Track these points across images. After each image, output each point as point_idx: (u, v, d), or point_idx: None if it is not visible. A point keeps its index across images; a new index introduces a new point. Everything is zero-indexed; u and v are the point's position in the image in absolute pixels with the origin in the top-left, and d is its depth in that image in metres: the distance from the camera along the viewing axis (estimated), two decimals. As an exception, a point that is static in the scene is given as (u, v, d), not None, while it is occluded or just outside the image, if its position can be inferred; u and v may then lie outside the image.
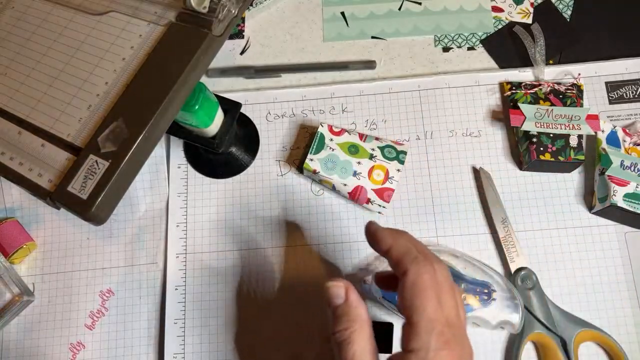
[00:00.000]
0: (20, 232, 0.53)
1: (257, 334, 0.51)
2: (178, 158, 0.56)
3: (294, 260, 0.52)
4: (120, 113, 0.41)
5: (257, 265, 0.52)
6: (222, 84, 0.59)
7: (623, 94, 0.55)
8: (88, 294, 0.53)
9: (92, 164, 0.40)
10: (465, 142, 0.54)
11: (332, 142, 0.52)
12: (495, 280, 0.47)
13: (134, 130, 0.40)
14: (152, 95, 0.41)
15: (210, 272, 0.52)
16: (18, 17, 0.50)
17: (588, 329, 0.47)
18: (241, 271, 0.52)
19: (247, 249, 0.53)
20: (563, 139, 0.51)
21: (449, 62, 0.58)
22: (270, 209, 0.54)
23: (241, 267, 0.52)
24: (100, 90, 0.43)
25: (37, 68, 0.46)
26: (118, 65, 0.44)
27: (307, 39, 0.60)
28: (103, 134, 0.40)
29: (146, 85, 0.42)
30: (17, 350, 0.52)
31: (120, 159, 0.40)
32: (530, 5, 0.59)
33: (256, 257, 0.53)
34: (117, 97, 0.42)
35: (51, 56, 0.47)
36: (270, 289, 0.52)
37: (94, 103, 0.43)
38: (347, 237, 0.53)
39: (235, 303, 0.51)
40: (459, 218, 0.52)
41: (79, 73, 0.45)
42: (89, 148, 0.41)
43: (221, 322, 0.51)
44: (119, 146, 0.40)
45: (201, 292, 0.52)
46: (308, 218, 0.53)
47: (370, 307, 0.51)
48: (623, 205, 0.48)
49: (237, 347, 0.50)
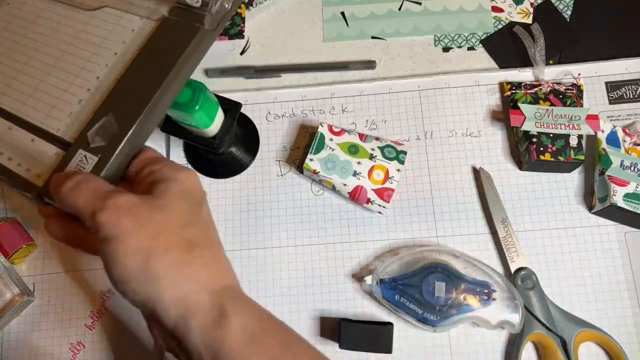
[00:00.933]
0: (20, 232, 0.53)
1: (257, 334, 0.50)
2: (178, 158, 0.56)
3: (294, 260, 0.52)
4: (111, 108, 0.41)
5: (257, 265, 0.52)
6: (222, 84, 0.59)
7: (623, 94, 0.55)
8: (88, 294, 0.53)
9: (81, 158, 0.40)
10: (465, 142, 0.54)
11: (332, 142, 0.52)
12: (495, 280, 0.47)
13: (123, 125, 0.40)
14: (142, 90, 0.41)
15: (210, 272, 0.52)
16: (13, 13, 0.50)
17: (588, 329, 0.47)
18: (241, 271, 0.52)
19: (247, 249, 0.53)
20: (563, 139, 0.51)
21: (449, 62, 0.58)
22: (270, 209, 0.54)
23: (241, 267, 0.52)
24: (91, 85, 0.43)
25: (30, 63, 0.47)
26: (110, 60, 0.44)
27: (307, 39, 0.60)
28: (92, 128, 0.40)
29: (137, 80, 0.42)
30: (17, 350, 0.52)
31: (110, 154, 0.39)
32: (530, 5, 0.59)
33: (256, 257, 0.53)
34: (108, 92, 0.42)
35: (44, 52, 0.47)
36: (270, 288, 0.52)
37: (85, 98, 0.43)
38: (347, 237, 0.53)
39: (235, 303, 0.51)
40: (459, 218, 0.52)
41: (71, 68, 0.45)
42: (79, 143, 0.41)
43: (221, 322, 0.51)
44: (108, 141, 0.40)
45: (201, 292, 0.52)
46: (308, 218, 0.53)
47: (371, 307, 0.51)
48: (623, 205, 0.48)
49: (237, 347, 0.50)
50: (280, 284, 0.52)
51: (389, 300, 0.48)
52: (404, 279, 0.48)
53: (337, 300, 0.51)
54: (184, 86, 0.44)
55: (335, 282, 0.51)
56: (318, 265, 0.52)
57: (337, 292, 0.51)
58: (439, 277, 0.47)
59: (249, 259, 0.53)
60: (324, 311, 0.51)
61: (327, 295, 0.51)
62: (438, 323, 0.46)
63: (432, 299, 0.46)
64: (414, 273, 0.48)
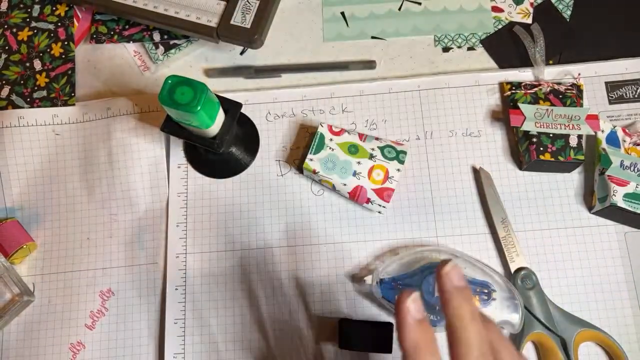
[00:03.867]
0: (20, 232, 0.53)
1: (257, 334, 0.51)
2: (178, 158, 0.56)
3: (294, 260, 0.52)
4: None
5: (258, 265, 0.52)
6: (222, 84, 0.59)
7: (623, 94, 0.55)
8: (88, 294, 0.53)
9: (244, 3, 0.54)
10: (465, 142, 0.54)
11: (332, 142, 0.52)
12: (495, 280, 0.47)
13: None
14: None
15: (210, 272, 0.52)
16: None
17: (588, 329, 0.47)
18: (241, 271, 0.52)
19: (247, 248, 0.53)
20: (563, 139, 0.51)
21: (449, 62, 0.58)
22: (270, 209, 0.54)
23: (241, 267, 0.52)
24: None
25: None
26: None
27: (307, 39, 0.60)
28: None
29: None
30: (17, 350, 0.52)
31: None
32: (530, 5, 0.59)
33: (256, 257, 0.53)
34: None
35: None
36: (270, 288, 0.52)
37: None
38: (347, 237, 0.53)
39: (235, 303, 0.51)
40: (459, 218, 0.52)
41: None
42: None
43: (221, 322, 0.51)
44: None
45: (201, 292, 0.52)
46: (308, 218, 0.53)
47: (370, 307, 0.51)
48: (623, 205, 0.48)
49: (237, 347, 0.50)
50: (280, 284, 0.52)
51: (389, 300, 0.48)
52: (404, 279, 0.48)
53: (337, 300, 0.51)
54: (186, 86, 0.44)
55: (335, 282, 0.51)
56: (318, 265, 0.52)
57: (337, 292, 0.51)
58: (439, 277, 0.47)
59: (249, 259, 0.53)
60: (324, 311, 0.51)
61: (327, 295, 0.51)
62: (438, 323, 0.46)
63: (432, 299, 0.46)
64: (414, 273, 0.48)
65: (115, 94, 0.59)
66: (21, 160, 0.56)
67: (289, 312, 0.51)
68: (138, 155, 0.55)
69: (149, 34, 0.60)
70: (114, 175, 0.55)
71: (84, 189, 0.56)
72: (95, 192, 0.55)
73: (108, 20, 0.61)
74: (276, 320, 0.51)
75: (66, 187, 0.56)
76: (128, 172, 0.55)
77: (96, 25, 0.61)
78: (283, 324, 0.51)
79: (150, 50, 0.59)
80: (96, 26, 0.61)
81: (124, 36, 0.60)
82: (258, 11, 0.54)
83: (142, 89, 0.59)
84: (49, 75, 0.59)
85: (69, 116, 0.57)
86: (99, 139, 0.56)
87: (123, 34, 0.60)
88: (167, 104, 0.44)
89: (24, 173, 0.56)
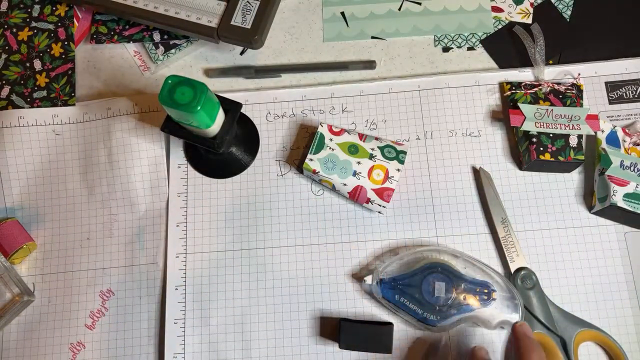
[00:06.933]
0: (20, 232, 0.53)
1: (258, 334, 0.51)
2: (178, 158, 0.56)
3: (294, 260, 0.52)
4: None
5: (257, 265, 0.52)
6: (222, 84, 0.59)
7: (623, 94, 0.55)
8: (88, 294, 0.53)
9: (245, 4, 0.54)
10: (465, 142, 0.54)
11: (332, 142, 0.52)
12: (495, 280, 0.47)
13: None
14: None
15: (210, 272, 0.52)
16: None
17: (588, 329, 0.47)
18: (241, 271, 0.52)
19: (247, 248, 0.53)
20: (563, 139, 0.51)
21: (449, 62, 0.58)
22: (270, 209, 0.54)
23: (241, 266, 0.52)
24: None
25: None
26: None
27: (307, 39, 0.60)
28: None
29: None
30: (17, 350, 0.52)
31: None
32: (530, 5, 0.59)
33: (256, 257, 0.53)
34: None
35: None
36: (270, 288, 0.52)
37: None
38: (347, 237, 0.53)
39: (235, 303, 0.51)
40: (459, 218, 0.52)
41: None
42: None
43: (221, 322, 0.51)
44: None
45: (201, 292, 0.52)
46: (308, 218, 0.53)
47: (370, 307, 0.51)
48: (623, 205, 0.48)
49: (237, 347, 0.50)
50: (280, 284, 0.52)
51: (389, 300, 0.48)
52: (403, 278, 0.48)
53: (337, 300, 0.51)
54: (186, 86, 0.44)
55: (335, 282, 0.51)
56: (318, 265, 0.52)
57: (337, 292, 0.51)
58: (438, 277, 0.47)
59: (249, 259, 0.53)
60: (324, 311, 0.51)
61: (327, 295, 0.51)
62: (438, 323, 0.46)
63: (432, 298, 0.46)
64: (414, 273, 0.48)
65: (115, 94, 0.59)
66: (21, 160, 0.56)
67: (289, 312, 0.51)
68: (138, 155, 0.55)
69: (149, 34, 0.60)
70: (114, 175, 0.55)
71: (84, 189, 0.56)
72: (95, 192, 0.55)
73: (108, 21, 0.61)
74: (276, 321, 0.51)
75: (66, 187, 0.56)
76: (128, 172, 0.55)
77: (96, 25, 0.61)
78: (283, 324, 0.51)
79: (150, 50, 0.59)
80: (96, 26, 0.61)
81: (124, 36, 0.60)
82: (258, 12, 0.54)
83: (142, 89, 0.59)
84: (49, 75, 0.59)
85: (69, 116, 0.57)
86: (99, 139, 0.56)
87: (123, 34, 0.60)
88: (167, 104, 0.44)
89: (24, 173, 0.56)
